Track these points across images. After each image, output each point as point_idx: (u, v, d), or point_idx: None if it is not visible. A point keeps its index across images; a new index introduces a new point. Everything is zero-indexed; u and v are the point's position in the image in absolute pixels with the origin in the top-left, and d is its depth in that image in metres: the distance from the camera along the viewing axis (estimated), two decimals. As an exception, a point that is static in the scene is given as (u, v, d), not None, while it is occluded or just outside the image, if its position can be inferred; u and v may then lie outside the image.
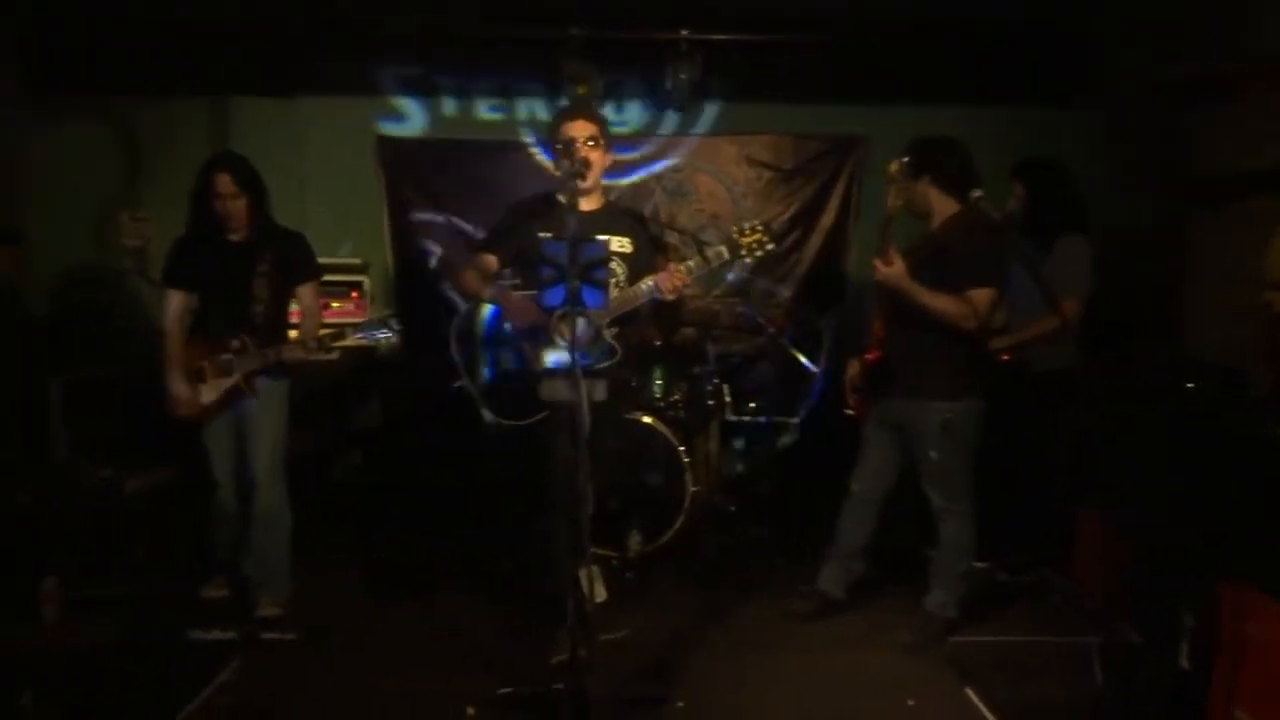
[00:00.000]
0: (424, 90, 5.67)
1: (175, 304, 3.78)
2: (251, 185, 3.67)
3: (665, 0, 5.19)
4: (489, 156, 5.61)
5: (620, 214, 3.54)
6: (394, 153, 5.63)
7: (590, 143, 3.19)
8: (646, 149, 5.69)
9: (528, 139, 5.68)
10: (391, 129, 5.68)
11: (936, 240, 3.48)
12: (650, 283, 3.25)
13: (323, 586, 4.10)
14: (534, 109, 5.71)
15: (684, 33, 5.26)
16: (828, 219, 5.72)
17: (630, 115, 5.73)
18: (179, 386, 3.69)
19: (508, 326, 3.34)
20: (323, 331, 3.76)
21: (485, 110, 5.72)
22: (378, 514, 4.76)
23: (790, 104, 5.66)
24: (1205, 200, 4.79)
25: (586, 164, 3.05)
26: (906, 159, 3.35)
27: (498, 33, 5.30)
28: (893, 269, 3.36)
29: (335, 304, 4.96)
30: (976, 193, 3.33)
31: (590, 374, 2.70)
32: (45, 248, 5.37)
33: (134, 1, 5.16)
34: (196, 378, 3.70)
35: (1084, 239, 4.02)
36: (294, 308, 3.87)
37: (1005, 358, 4.00)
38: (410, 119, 5.71)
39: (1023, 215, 4.05)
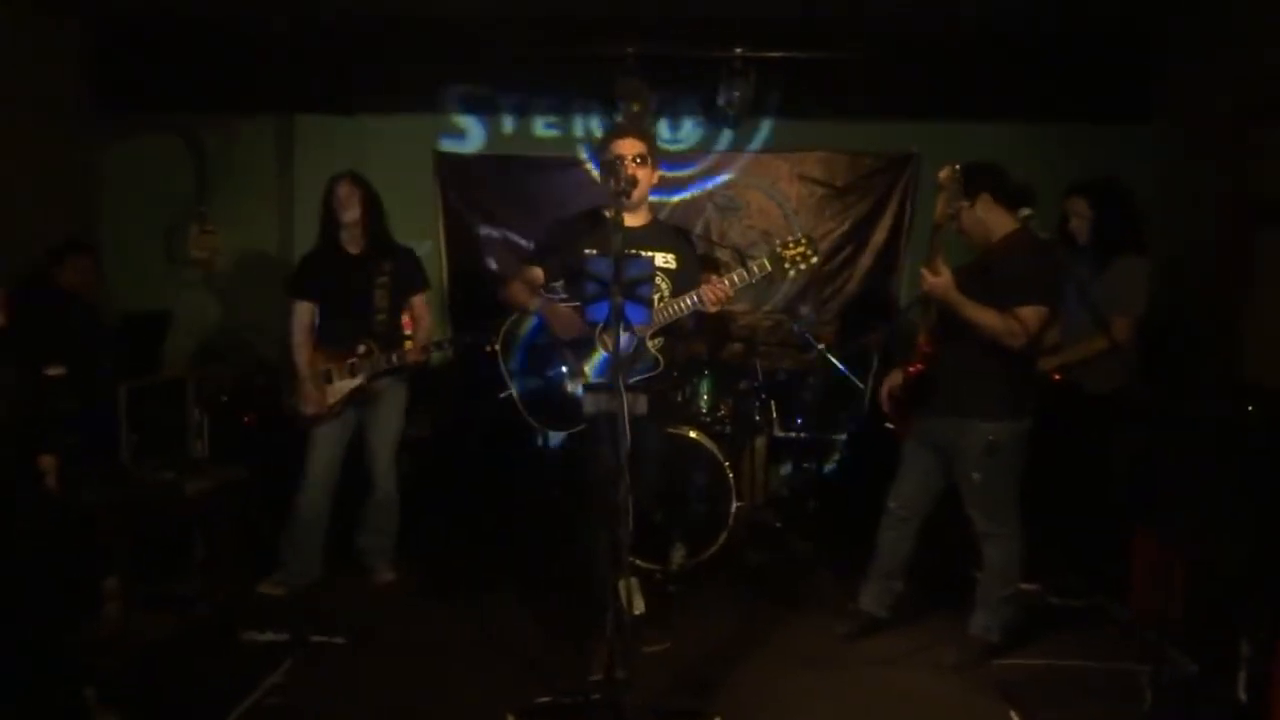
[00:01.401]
0: (482, 108, 5.80)
1: (303, 314, 4.12)
2: (369, 198, 4.09)
3: (720, 19, 5.24)
4: (545, 172, 5.72)
5: (666, 230, 3.58)
6: (452, 169, 5.77)
7: (637, 160, 3.23)
8: (699, 165, 5.73)
9: (583, 155, 5.76)
10: (451, 146, 5.81)
11: (989, 257, 3.45)
12: (694, 296, 3.28)
13: (371, 591, 4.19)
14: (590, 126, 5.80)
15: (738, 50, 5.29)
16: (880, 236, 5.70)
17: (684, 132, 5.78)
18: (309, 387, 4.03)
19: (552, 338, 3.39)
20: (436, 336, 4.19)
21: (542, 127, 5.83)
22: (426, 522, 4.85)
23: (843, 120, 5.67)
24: (1272, 220, 4.66)
25: (633, 181, 3.08)
26: (960, 170, 3.33)
27: (555, 52, 5.38)
28: (940, 279, 3.33)
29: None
30: (1026, 211, 3.29)
31: (631, 388, 2.72)
32: (115, 258, 5.60)
33: (204, 21, 5.38)
34: (324, 380, 4.04)
35: (1143, 260, 3.95)
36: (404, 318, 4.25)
37: (1057, 378, 3.94)
38: (469, 135, 5.84)
39: (1087, 234, 3.98)
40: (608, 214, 2.88)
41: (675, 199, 5.68)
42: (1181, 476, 3.65)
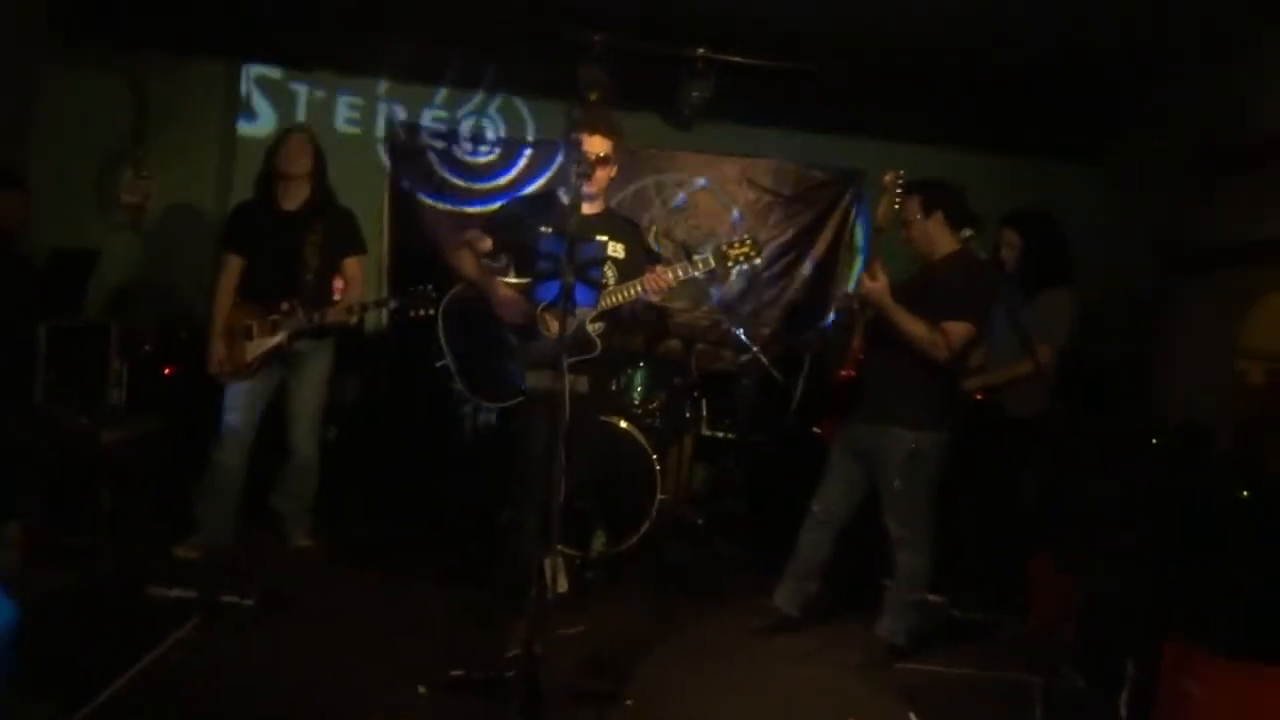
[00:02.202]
0: (432, 78, 5.72)
1: (231, 267, 4.02)
2: (318, 154, 4.02)
3: (684, 17, 5.27)
4: (490, 150, 5.69)
5: (618, 220, 3.60)
6: (401, 138, 5.69)
7: (601, 158, 3.26)
8: (651, 160, 5.76)
9: (529, 137, 5.75)
10: (397, 113, 5.72)
11: (930, 273, 3.57)
12: (638, 284, 3.30)
13: (287, 556, 4.12)
14: (539, 109, 5.79)
15: (700, 51, 5.34)
16: (821, 248, 5.82)
17: (639, 125, 5.79)
18: (219, 345, 3.94)
19: (495, 307, 3.38)
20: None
21: (488, 104, 5.79)
22: (349, 489, 4.79)
23: (796, 131, 5.77)
24: (1199, 267, 4.89)
25: (594, 175, 3.13)
26: (907, 196, 3.44)
27: (524, 30, 5.35)
28: (876, 284, 3.44)
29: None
30: (968, 232, 3.42)
31: (576, 369, 2.75)
32: (43, 195, 5.37)
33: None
34: (244, 335, 3.93)
35: (1068, 292, 4.12)
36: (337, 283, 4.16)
37: (979, 397, 4.08)
38: (414, 104, 5.76)
39: (1014, 263, 4.14)
40: (564, 197, 2.90)
41: (626, 190, 5.70)
42: (1084, 501, 3.82)
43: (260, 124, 5.66)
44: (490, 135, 5.76)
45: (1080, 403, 4.44)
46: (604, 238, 3.29)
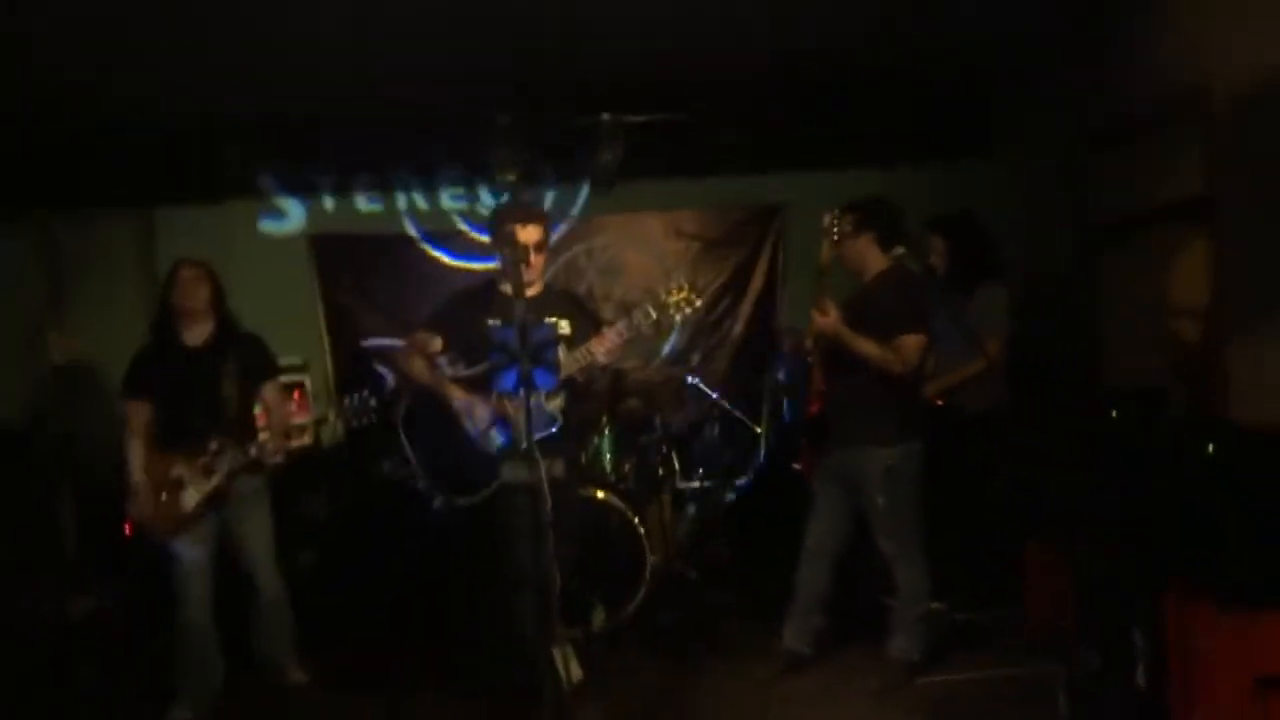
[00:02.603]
0: (315, 189, 5.77)
1: (138, 416, 3.78)
2: (215, 284, 3.84)
3: (584, 83, 5.38)
4: (417, 245, 5.73)
5: (558, 296, 3.63)
6: (326, 250, 5.68)
7: (537, 243, 3.29)
8: (574, 228, 5.83)
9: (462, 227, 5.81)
10: (319, 226, 5.73)
11: (868, 293, 3.66)
12: (586, 350, 3.33)
13: (284, 695, 3.99)
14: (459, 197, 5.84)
15: (604, 116, 5.44)
16: (757, 283, 5.91)
17: (559, 196, 5.87)
18: (144, 500, 3.67)
19: (455, 408, 3.36)
20: (296, 421, 3.82)
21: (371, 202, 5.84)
22: (337, 609, 4.66)
23: (711, 176, 5.89)
24: (1114, 237, 5.07)
25: (532, 263, 3.16)
26: (842, 214, 3.54)
27: (425, 121, 5.39)
28: (829, 319, 3.52)
29: (277, 404, 4.91)
30: (899, 250, 3.52)
31: (547, 452, 2.74)
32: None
33: (56, 116, 5.11)
34: (176, 487, 3.66)
35: (1002, 284, 4.24)
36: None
37: (939, 402, 4.16)
38: (337, 213, 5.79)
39: (944, 267, 4.25)
40: (506, 288, 2.91)
41: (558, 263, 5.75)
42: (1057, 484, 3.90)
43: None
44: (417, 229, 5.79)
45: (1032, 388, 4.55)
46: (551, 318, 3.31)
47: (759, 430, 4.88)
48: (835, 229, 3.54)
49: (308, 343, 5.60)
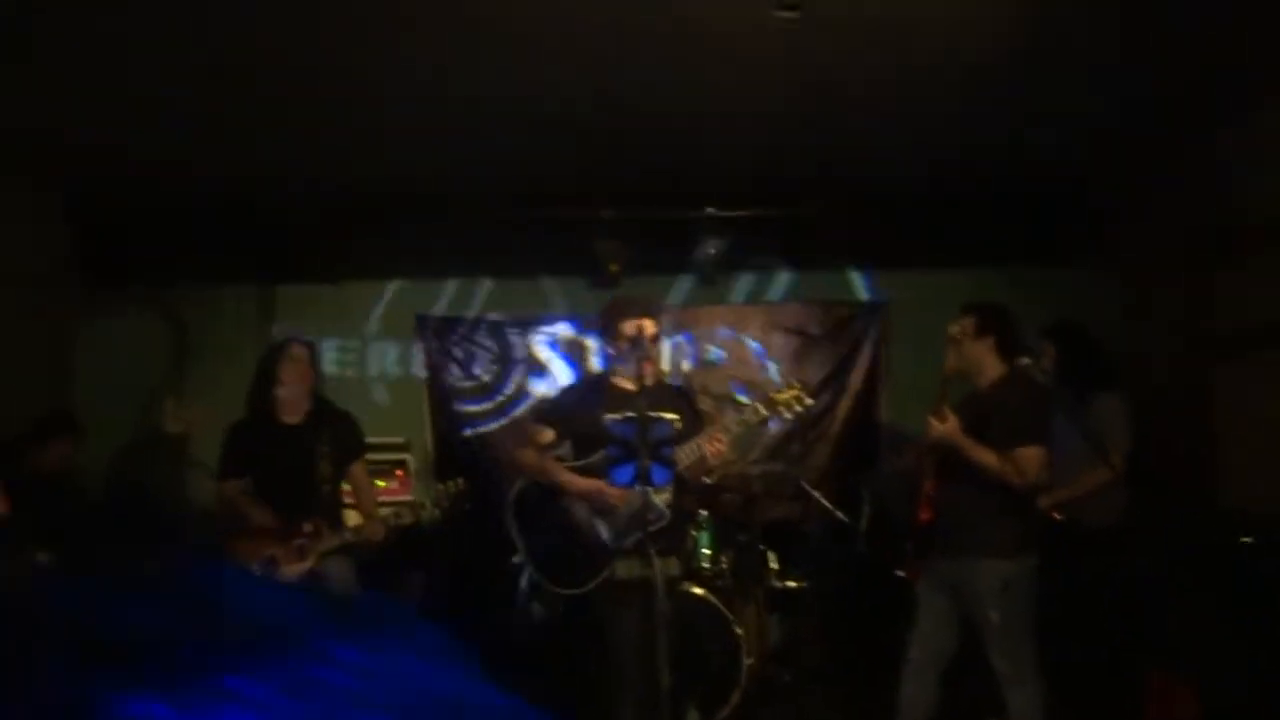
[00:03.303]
0: (457, 271, 5.93)
1: (232, 492, 3.81)
2: (316, 364, 3.90)
3: (690, 179, 5.49)
4: (521, 332, 5.83)
5: (668, 391, 3.64)
6: (433, 331, 5.83)
7: (654, 335, 3.34)
8: (678, 319, 5.88)
9: (555, 315, 5.93)
10: (429, 308, 5.90)
11: (985, 399, 3.56)
12: (695, 446, 3.31)
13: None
14: (563, 287, 5.98)
15: (710, 210, 5.53)
16: (857, 381, 5.85)
17: (662, 287, 5.95)
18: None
19: (568, 498, 3.37)
20: (382, 509, 3.84)
21: (515, 288, 5.98)
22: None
23: (815, 271, 5.91)
24: (1229, 351, 4.89)
25: (650, 357, 3.19)
26: (968, 320, 3.49)
27: (532, 215, 5.56)
28: (947, 425, 3.44)
29: (381, 482, 4.97)
30: (1025, 360, 3.44)
31: (659, 549, 2.72)
32: (91, 435, 5.46)
33: (184, 195, 5.41)
34: (268, 566, 3.68)
35: (1119, 396, 4.11)
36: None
37: (1056, 515, 4.01)
38: (445, 298, 5.95)
39: (1056, 375, 4.15)
40: (628, 384, 2.94)
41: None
42: (1183, 608, 3.69)
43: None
44: (515, 317, 5.92)
45: (1146, 505, 4.36)
46: (663, 412, 3.31)
47: (859, 531, 4.76)
48: (961, 336, 3.49)
49: (410, 422, 5.72)
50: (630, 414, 2.96)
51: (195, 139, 4.54)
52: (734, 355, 5.89)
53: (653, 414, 2.99)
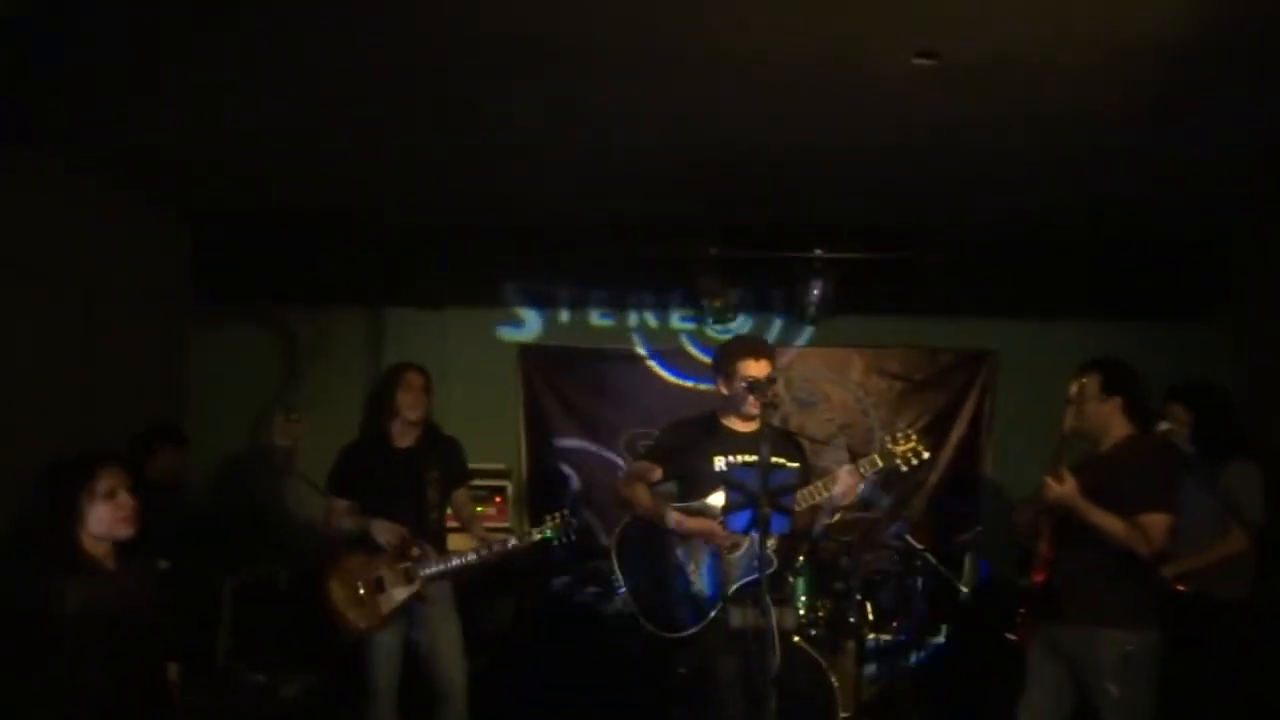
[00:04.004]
0: (548, 301, 6.01)
1: (339, 511, 3.90)
2: (430, 390, 3.92)
3: (798, 220, 5.45)
4: (619, 365, 5.87)
5: (780, 436, 3.59)
6: (533, 360, 5.90)
7: (769, 377, 3.31)
8: (778, 359, 5.82)
9: (642, 349, 5.97)
10: (514, 335, 5.99)
11: (1108, 462, 3.42)
12: (825, 492, 3.26)
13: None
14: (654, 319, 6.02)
15: (817, 251, 5.48)
16: (959, 430, 5.71)
17: (762, 326, 5.90)
18: (344, 595, 3.74)
19: (677, 543, 3.33)
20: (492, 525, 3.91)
21: (598, 318, 6.03)
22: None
23: (920, 317, 5.80)
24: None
25: (772, 401, 3.15)
26: (1092, 380, 3.37)
27: (646, 252, 5.58)
28: (1065, 487, 3.30)
29: (480, 508, 5.01)
30: (1164, 425, 3.30)
31: (779, 601, 2.67)
32: (200, 445, 5.64)
33: (299, 219, 5.57)
34: (375, 587, 3.74)
35: (1256, 465, 3.91)
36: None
37: (1180, 587, 3.82)
38: (531, 326, 6.03)
39: (1188, 439, 3.97)
40: (734, 423, 2.89)
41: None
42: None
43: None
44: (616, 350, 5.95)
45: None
46: (776, 458, 3.26)
47: (964, 590, 4.62)
48: (1081, 392, 3.37)
49: (507, 449, 5.77)
50: (751, 458, 2.92)
51: (312, 161, 4.65)
52: (834, 399, 5.81)
53: (776, 460, 2.95)
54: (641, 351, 5.94)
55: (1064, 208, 4.98)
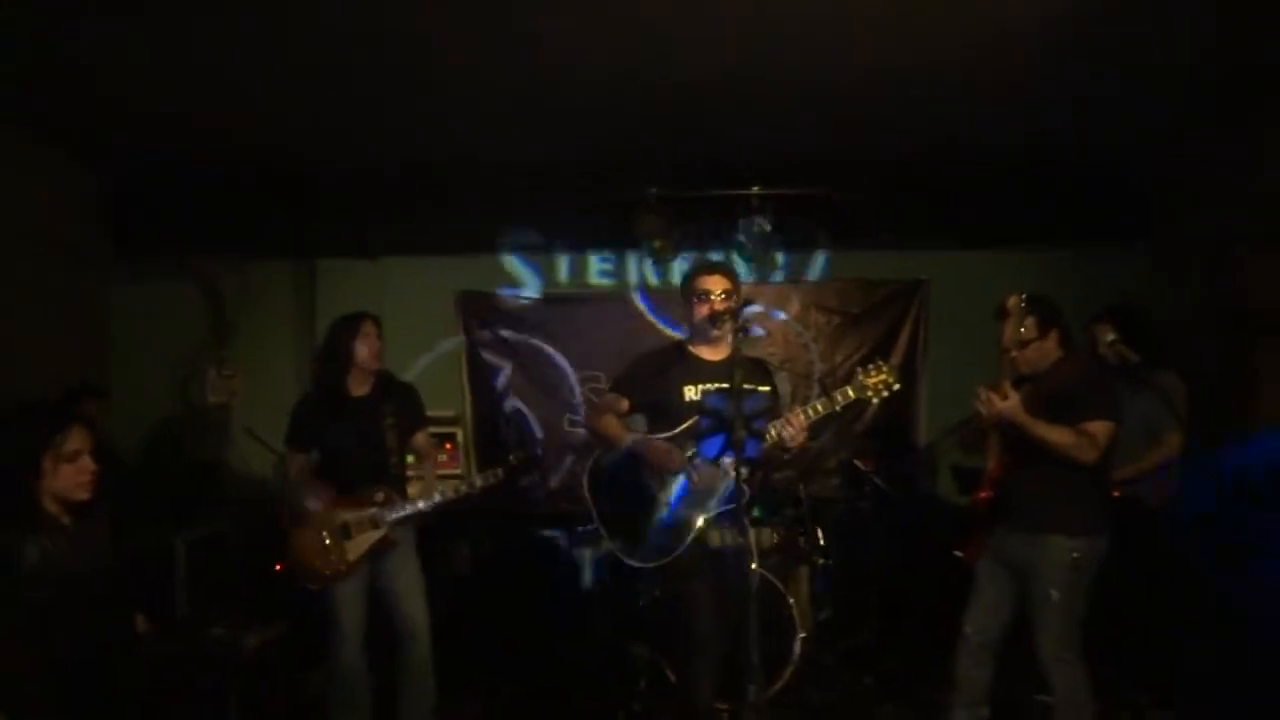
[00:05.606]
0: (496, 247, 5.93)
1: (298, 463, 3.87)
2: (383, 339, 3.90)
3: (735, 158, 5.47)
4: (566, 307, 5.85)
5: (748, 363, 3.59)
6: (472, 307, 5.84)
7: (723, 295, 3.32)
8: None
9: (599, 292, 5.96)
10: (468, 284, 5.90)
11: (1048, 382, 3.56)
12: (774, 431, 3.28)
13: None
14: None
15: (755, 189, 5.52)
16: (896, 359, 5.86)
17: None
18: (309, 545, 3.72)
19: (649, 474, 3.35)
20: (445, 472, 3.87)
21: (555, 264, 6.00)
22: (469, 665, 4.66)
23: (856, 251, 5.92)
24: (1270, 332, 4.91)
25: (723, 316, 3.17)
26: (1030, 321, 3.48)
27: (581, 196, 5.53)
28: (1009, 403, 3.42)
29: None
30: (1111, 337, 3.44)
31: (757, 521, 2.73)
32: (124, 401, 5.40)
33: (222, 168, 5.34)
34: (341, 534, 3.72)
35: (1177, 374, 4.14)
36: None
37: (1115, 494, 4.03)
38: (483, 273, 5.94)
39: (1115, 356, 4.17)
40: (703, 352, 2.91)
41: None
42: (1239, 591, 3.72)
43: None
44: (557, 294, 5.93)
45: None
46: (749, 384, 3.29)
47: (907, 508, 4.79)
48: (1020, 311, 3.48)
49: (453, 396, 5.72)
50: (723, 385, 2.95)
51: (235, 107, 4.45)
52: (778, 334, 5.90)
53: (747, 385, 2.99)
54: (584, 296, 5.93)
55: (990, 142, 5.09)
